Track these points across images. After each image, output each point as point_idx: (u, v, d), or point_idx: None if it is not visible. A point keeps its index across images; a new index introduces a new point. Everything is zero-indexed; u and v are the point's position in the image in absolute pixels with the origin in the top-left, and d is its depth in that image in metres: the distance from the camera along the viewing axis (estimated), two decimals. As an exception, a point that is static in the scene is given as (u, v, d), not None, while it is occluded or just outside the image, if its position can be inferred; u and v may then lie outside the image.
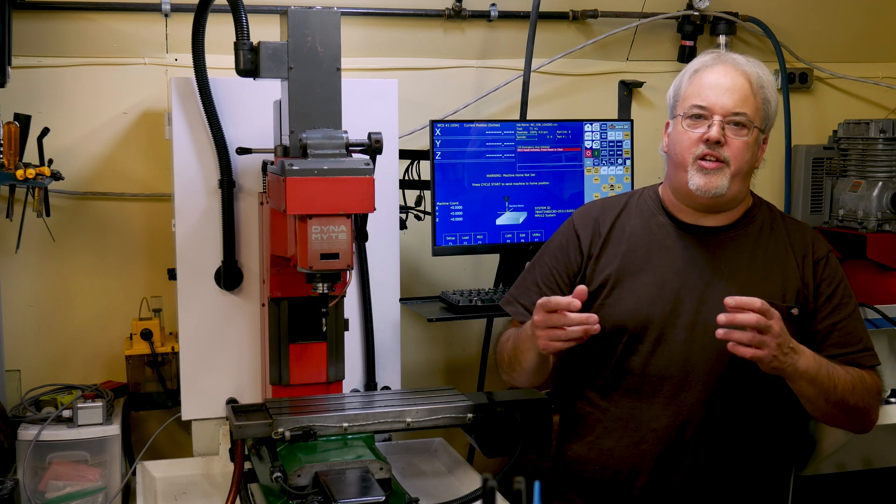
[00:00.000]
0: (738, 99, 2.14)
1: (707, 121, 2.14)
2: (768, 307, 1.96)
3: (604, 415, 2.25)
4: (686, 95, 2.19)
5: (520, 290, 2.36)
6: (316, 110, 2.17)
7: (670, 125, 2.25)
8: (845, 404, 2.13)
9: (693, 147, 2.15)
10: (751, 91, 2.16)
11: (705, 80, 2.18)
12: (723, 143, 2.13)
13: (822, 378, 2.08)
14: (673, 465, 2.18)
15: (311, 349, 2.35)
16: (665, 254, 2.23)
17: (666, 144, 2.26)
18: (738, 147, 2.14)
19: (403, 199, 3.05)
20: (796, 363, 2.03)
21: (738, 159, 2.14)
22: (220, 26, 2.53)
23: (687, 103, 2.18)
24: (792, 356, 2.02)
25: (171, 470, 2.52)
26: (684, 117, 2.18)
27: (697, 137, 2.15)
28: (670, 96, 2.27)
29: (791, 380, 2.07)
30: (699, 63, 2.22)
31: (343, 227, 2.06)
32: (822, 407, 2.13)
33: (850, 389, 2.13)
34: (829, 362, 2.12)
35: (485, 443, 2.21)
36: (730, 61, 2.20)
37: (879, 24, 3.70)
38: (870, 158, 3.43)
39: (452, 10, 3.21)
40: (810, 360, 2.07)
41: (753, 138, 2.16)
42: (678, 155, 2.19)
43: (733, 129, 2.14)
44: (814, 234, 2.30)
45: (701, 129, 2.15)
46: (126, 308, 3.05)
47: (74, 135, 3.02)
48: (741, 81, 2.16)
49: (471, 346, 3.46)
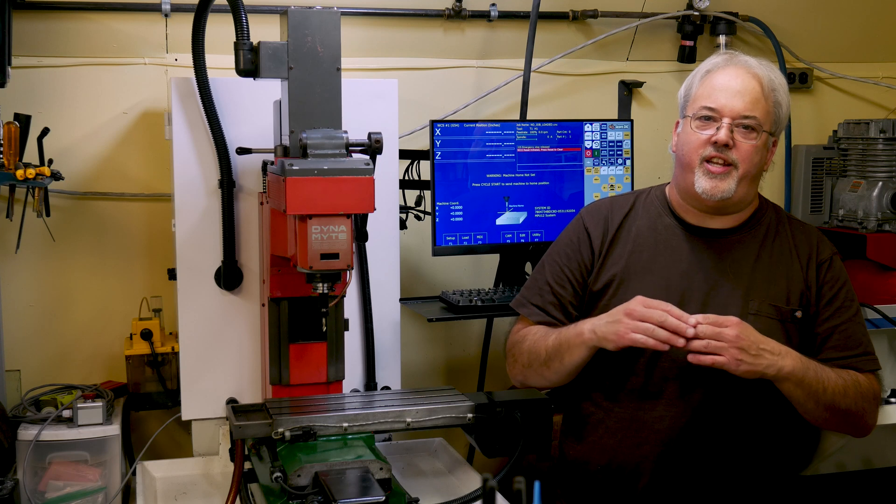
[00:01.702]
0: (748, 102, 2.14)
1: (716, 123, 2.14)
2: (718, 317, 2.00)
3: (607, 415, 2.25)
4: (696, 96, 2.19)
5: (531, 291, 2.35)
6: (316, 110, 2.17)
7: (679, 125, 2.25)
8: (836, 408, 2.12)
9: (701, 148, 2.15)
10: (762, 94, 2.15)
11: (716, 81, 2.17)
12: (731, 146, 2.12)
13: (810, 380, 2.08)
14: (675, 466, 2.18)
15: (311, 349, 2.35)
16: (671, 255, 2.23)
17: (675, 144, 2.25)
18: (746, 150, 2.13)
19: (403, 199, 3.05)
20: (777, 364, 2.03)
21: (746, 162, 2.14)
22: (220, 26, 2.53)
23: (697, 104, 2.17)
24: (766, 357, 2.02)
25: (171, 470, 2.52)
26: (693, 118, 2.17)
27: (706, 139, 2.14)
28: (681, 96, 2.26)
29: (777, 382, 2.08)
30: (711, 64, 2.21)
31: (343, 227, 2.06)
32: (812, 410, 2.13)
33: (841, 392, 2.12)
34: (818, 365, 2.11)
35: (485, 443, 2.21)
36: (742, 63, 2.19)
37: (879, 24, 3.70)
38: (870, 158, 3.43)
39: (452, 10, 3.21)
40: (796, 362, 2.06)
41: (763, 142, 2.16)
42: (686, 155, 2.18)
43: (742, 133, 2.13)
44: (819, 236, 2.30)
45: (710, 131, 2.14)
46: (126, 308, 3.05)
47: (74, 135, 3.02)
48: (752, 84, 2.15)
49: (471, 346, 3.46)
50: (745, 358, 2.00)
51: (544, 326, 2.29)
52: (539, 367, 2.26)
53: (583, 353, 2.16)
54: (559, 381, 2.26)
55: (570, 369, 2.21)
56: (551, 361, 2.22)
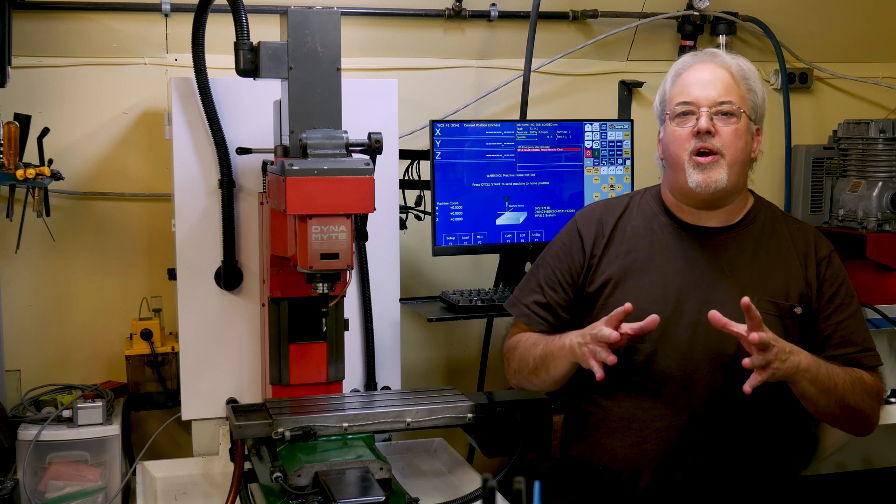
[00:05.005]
0: (721, 89, 2.17)
1: (695, 114, 2.16)
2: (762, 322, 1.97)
3: (607, 414, 2.25)
4: (671, 97, 2.22)
5: (524, 293, 2.36)
6: (316, 110, 2.17)
7: (661, 131, 2.27)
8: (846, 404, 2.13)
9: (686, 143, 2.17)
10: (733, 81, 2.19)
11: (687, 78, 2.21)
12: (713, 133, 2.14)
13: (823, 377, 2.09)
14: (676, 465, 2.18)
15: (311, 349, 2.35)
16: (667, 254, 2.24)
17: (661, 151, 2.27)
18: (728, 135, 2.15)
19: (403, 199, 3.05)
20: (798, 364, 2.04)
21: (731, 147, 2.15)
22: (220, 26, 2.53)
23: (673, 103, 2.21)
24: (792, 359, 2.03)
25: (171, 470, 2.52)
26: (672, 117, 2.20)
27: (688, 133, 2.16)
28: (657, 104, 2.30)
29: (794, 382, 2.08)
30: (679, 66, 2.26)
31: (343, 227, 2.06)
32: (823, 406, 2.13)
33: (850, 388, 2.13)
34: (825, 362, 2.12)
35: (485, 443, 2.21)
36: (708, 57, 2.23)
37: (879, 24, 3.70)
38: (870, 158, 3.43)
39: (452, 10, 3.21)
40: (810, 359, 2.07)
41: (744, 125, 2.17)
42: (673, 154, 2.20)
43: (722, 119, 2.16)
44: (816, 233, 2.30)
45: (690, 124, 2.17)
46: (126, 308, 3.05)
47: (74, 135, 3.02)
48: (721, 73, 2.19)
49: (471, 346, 3.46)
50: (780, 366, 2.01)
51: (536, 334, 2.30)
52: (528, 374, 2.28)
53: (566, 366, 2.17)
54: (549, 388, 2.27)
55: (556, 379, 2.23)
56: (539, 371, 2.24)
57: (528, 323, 2.32)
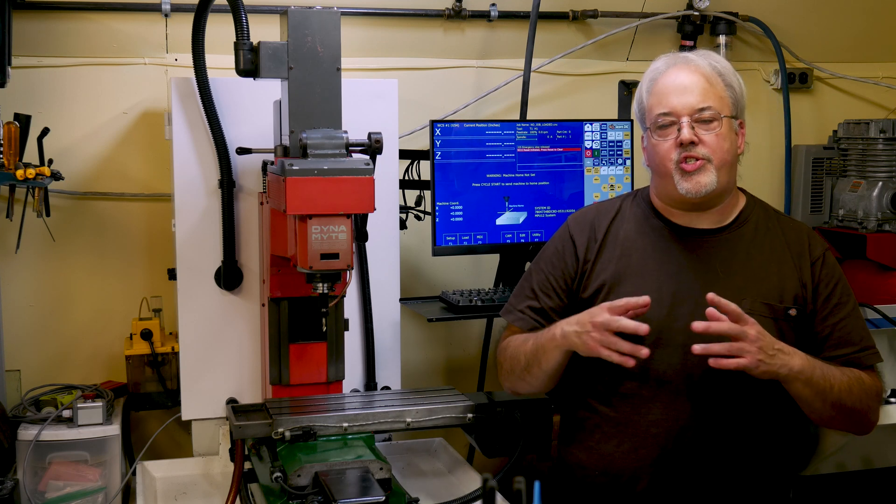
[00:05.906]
0: (698, 95, 2.14)
1: (676, 125, 2.15)
2: (741, 313, 1.97)
3: (603, 419, 2.24)
4: (649, 107, 2.20)
5: (518, 299, 2.35)
6: (316, 110, 2.17)
7: (644, 139, 2.26)
8: (843, 406, 2.12)
9: (670, 153, 2.15)
10: (708, 83, 2.16)
11: (662, 86, 2.18)
12: (697, 142, 2.13)
13: (818, 379, 2.08)
14: (673, 469, 2.17)
15: (311, 349, 2.35)
16: (660, 257, 2.23)
17: (647, 159, 2.27)
18: (712, 142, 2.14)
19: (403, 199, 3.05)
20: (789, 364, 2.03)
21: (717, 152, 2.14)
22: (220, 26, 2.53)
23: (652, 114, 2.19)
24: (781, 357, 2.02)
25: (171, 470, 2.52)
26: (653, 129, 2.18)
27: (671, 144, 2.15)
28: (636, 111, 2.28)
29: (787, 382, 2.07)
30: (652, 72, 2.23)
31: (343, 227, 2.07)
32: (819, 409, 2.12)
33: (846, 390, 2.12)
34: (823, 363, 2.11)
35: (485, 443, 2.21)
36: (681, 61, 2.20)
37: (879, 24, 3.70)
38: (870, 158, 3.43)
39: (452, 10, 3.21)
40: (804, 361, 2.06)
41: (727, 128, 2.16)
42: (659, 165, 2.19)
43: (703, 126, 2.14)
44: (810, 232, 2.30)
45: (672, 136, 2.15)
46: (126, 308, 3.05)
47: (74, 135, 3.02)
48: (695, 77, 2.17)
49: (471, 346, 3.46)
50: (764, 358, 1.99)
51: (525, 333, 2.28)
52: (521, 372, 2.25)
53: (558, 357, 2.15)
54: (542, 386, 2.24)
55: (549, 373, 2.20)
56: (531, 366, 2.22)
57: (522, 326, 2.30)
